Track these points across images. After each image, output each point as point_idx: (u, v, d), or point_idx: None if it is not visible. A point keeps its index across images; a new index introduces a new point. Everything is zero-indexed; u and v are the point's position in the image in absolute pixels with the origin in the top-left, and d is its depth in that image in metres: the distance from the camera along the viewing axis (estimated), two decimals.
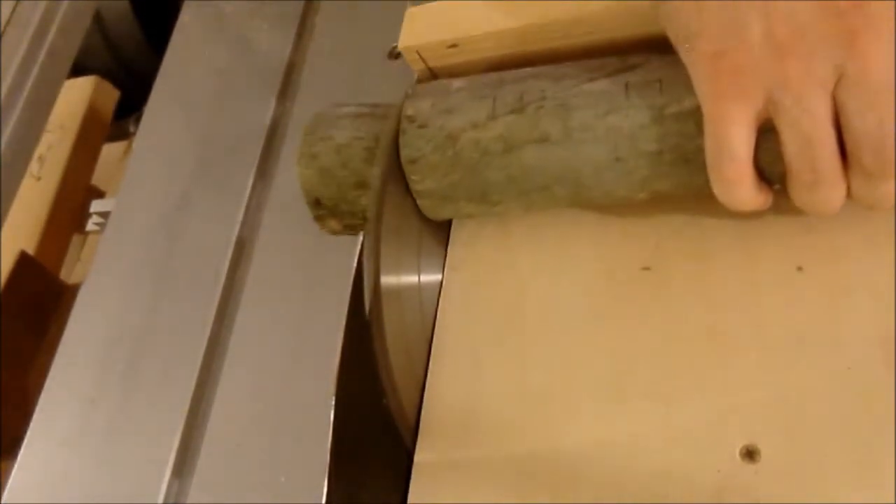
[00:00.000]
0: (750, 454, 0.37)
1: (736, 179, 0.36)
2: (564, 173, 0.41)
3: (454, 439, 0.42)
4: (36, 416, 0.56)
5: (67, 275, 0.85)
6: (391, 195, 0.43)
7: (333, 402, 0.42)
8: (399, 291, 0.44)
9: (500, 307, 0.45)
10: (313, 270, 0.54)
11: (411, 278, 0.46)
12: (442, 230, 0.48)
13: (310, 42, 0.67)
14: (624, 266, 0.44)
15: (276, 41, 0.67)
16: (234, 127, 0.65)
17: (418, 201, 0.44)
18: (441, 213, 0.45)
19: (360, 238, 0.48)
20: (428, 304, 0.46)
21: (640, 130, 0.39)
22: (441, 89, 0.44)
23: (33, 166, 0.82)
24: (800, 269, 0.41)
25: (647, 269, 0.43)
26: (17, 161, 0.78)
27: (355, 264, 0.49)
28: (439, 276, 0.47)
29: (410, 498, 0.41)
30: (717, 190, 0.37)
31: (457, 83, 0.44)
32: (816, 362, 0.38)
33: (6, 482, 0.54)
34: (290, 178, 0.60)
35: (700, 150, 0.37)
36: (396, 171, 0.44)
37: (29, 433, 0.56)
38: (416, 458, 0.42)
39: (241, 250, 0.58)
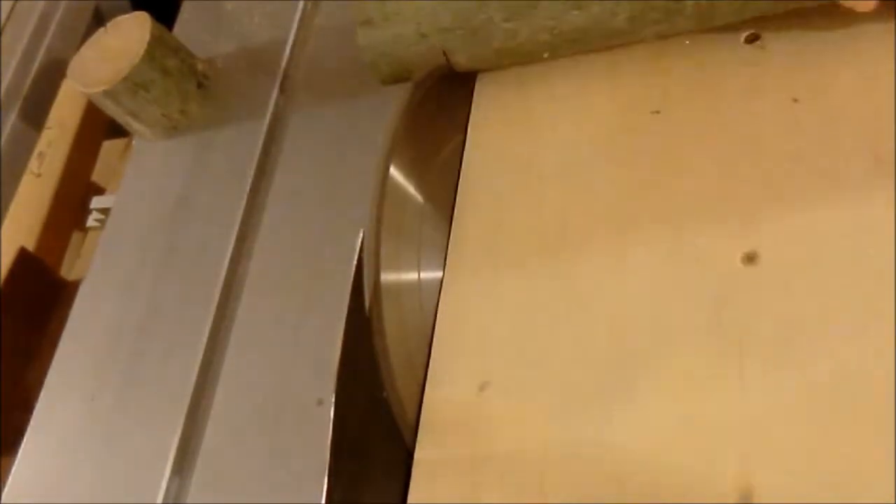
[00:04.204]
0: (750, 258, 0.40)
1: None
2: None
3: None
4: (36, 413, 0.56)
5: (68, 271, 0.85)
6: (392, 192, 0.43)
7: (334, 400, 0.42)
8: (399, 288, 0.44)
9: (519, 155, 0.49)
10: (313, 267, 0.54)
11: (411, 275, 0.46)
12: (442, 227, 0.48)
13: (310, 40, 0.67)
14: (635, 111, 0.47)
15: (277, 39, 0.67)
16: (235, 123, 0.65)
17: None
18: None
19: (361, 235, 0.48)
20: (428, 301, 0.46)
21: None
22: None
23: (33, 163, 0.82)
24: (795, 100, 0.44)
25: (656, 112, 0.47)
26: (17, 158, 0.78)
27: (355, 261, 0.49)
28: (439, 273, 0.47)
29: (410, 495, 0.41)
30: None
31: None
32: (813, 177, 0.41)
33: (6, 479, 0.54)
34: (290, 174, 0.60)
35: None
36: (398, 167, 0.44)
37: (29, 430, 0.56)
38: (416, 455, 0.42)
39: (242, 246, 0.58)
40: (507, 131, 0.51)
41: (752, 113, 0.44)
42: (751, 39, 0.47)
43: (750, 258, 0.40)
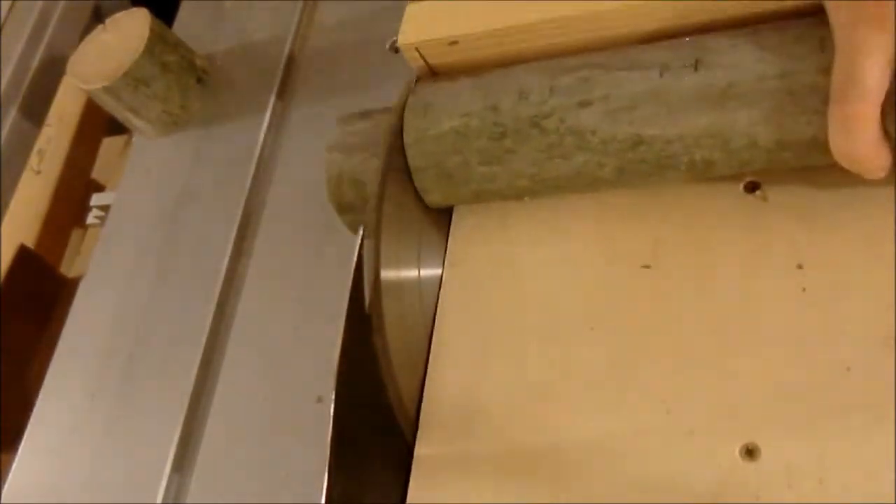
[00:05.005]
0: (750, 452, 0.37)
1: (859, 119, 0.34)
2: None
3: (454, 433, 0.42)
4: (36, 410, 0.56)
5: (67, 268, 0.85)
6: (392, 189, 0.43)
7: (333, 397, 0.42)
8: (399, 285, 0.44)
9: (499, 303, 0.45)
10: (313, 264, 0.54)
11: (411, 272, 0.45)
12: (442, 224, 0.48)
13: (309, 38, 0.67)
14: (624, 264, 0.43)
15: (276, 37, 0.67)
16: (235, 119, 0.65)
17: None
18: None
19: (360, 232, 0.48)
20: (428, 298, 0.46)
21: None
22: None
23: (33, 160, 0.82)
24: (800, 266, 0.40)
25: (646, 266, 0.43)
26: (17, 155, 0.78)
27: (355, 258, 0.49)
28: (439, 270, 0.47)
29: (411, 492, 0.41)
30: (834, 132, 0.35)
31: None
32: (816, 361, 0.38)
33: (6, 476, 0.54)
34: (291, 170, 0.60)
35: None
36: (397, 164, 0.44)
37: (29, 427, 0.56)
38: (417, 451, 0.42)
39: (242, 243, 0.58)
40: (486, 275, 0.46)
41: (753, 278, 0.41)
42: (750, 188, 0.43)
43: (750, 452, 0.37)
